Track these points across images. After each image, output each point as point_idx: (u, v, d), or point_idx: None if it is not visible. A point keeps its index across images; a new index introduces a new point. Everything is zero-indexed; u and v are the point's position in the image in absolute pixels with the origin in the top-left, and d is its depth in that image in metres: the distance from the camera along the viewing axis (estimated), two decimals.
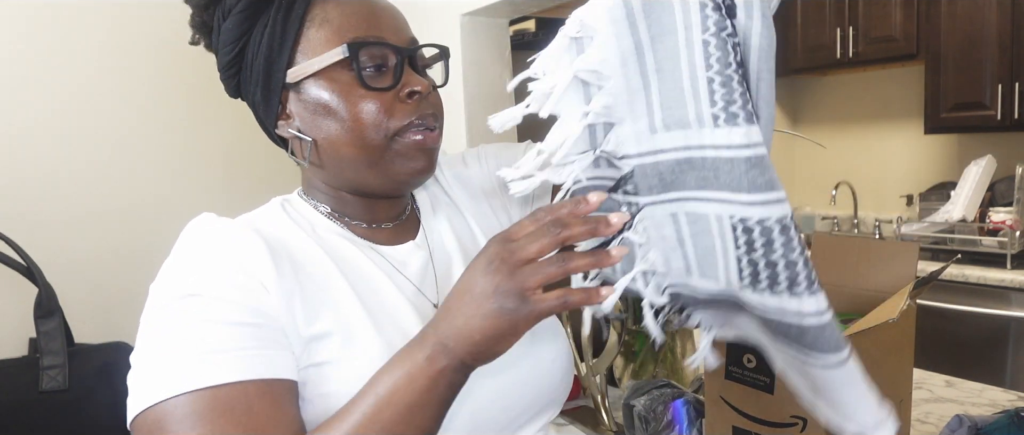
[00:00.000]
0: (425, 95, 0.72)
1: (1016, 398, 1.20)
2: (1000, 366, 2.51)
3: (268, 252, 0.63)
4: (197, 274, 0.61)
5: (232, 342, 0.58)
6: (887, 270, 0.88)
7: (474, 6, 1.59)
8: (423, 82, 0.71)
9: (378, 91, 0.69)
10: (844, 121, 3.62)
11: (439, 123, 0.74)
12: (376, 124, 0.69)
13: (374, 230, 0.78)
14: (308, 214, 0.75)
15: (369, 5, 0.72)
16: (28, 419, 1.16)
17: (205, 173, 1.99)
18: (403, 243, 0.78)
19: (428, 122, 0.72)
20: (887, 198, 3.45)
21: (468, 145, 1.66)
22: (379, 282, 0.72)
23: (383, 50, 0.70)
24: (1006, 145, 2.92)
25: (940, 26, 2.78)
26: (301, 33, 0.71)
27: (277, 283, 0.62)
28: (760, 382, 0.74)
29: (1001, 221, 2.63)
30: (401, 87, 0.71)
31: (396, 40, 0.72)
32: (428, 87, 0.72)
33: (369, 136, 0.69)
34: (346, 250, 0.73)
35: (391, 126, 0.70)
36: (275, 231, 0.70)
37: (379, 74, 0.70)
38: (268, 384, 0.59)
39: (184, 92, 1.93)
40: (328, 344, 0.64)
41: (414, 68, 0.73)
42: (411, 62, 0.73)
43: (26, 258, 1.26)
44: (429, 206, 0.85)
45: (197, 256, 0.62)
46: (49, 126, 1.75)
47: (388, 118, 0.70)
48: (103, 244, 1.81)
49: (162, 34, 1.88)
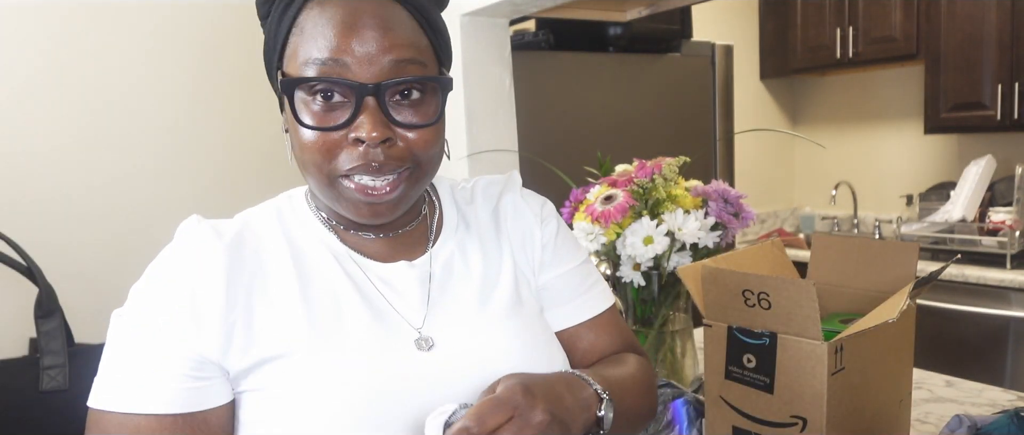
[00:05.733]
0: (376, 144, 0.63)
1: (1016, 398, 1.20)
2: (1000, 366, 2.51)
3: (224, 281, 0.65)
4: (153, 301, 0.65)
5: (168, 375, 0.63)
6: (887, 270, 0.88)
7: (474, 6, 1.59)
8: (378, 128, 0.62)
9: (321, 129, 0.63)
10: (844, 121, 3.62)
11: (409, 168, 0.66)
12: (318, 162, 0.65)
13: (366, 240, 0.75)
14: (303, 216, 0.74)
15: (346, 21, 0.63)
16: (28, 419, 1.16)
17: (206, 173, 1.99)
18: (395, 262, 0.74)
19: (375, 172, 0.64)
20: (887, 198, 3.45)
21: (468, 146, 1.66)
22: (346, 299, 0.69)
23: (330, 85, 0.63)
24: (1006, 145, 2.92)
25: (940, 26, 2.78)
26: (288, 37, 0.67)
27: (222, 317, 0.64)
28: (760, 382, 0.74)
29: (1001, 221, 2.63)
30: (353, 128, 0.63)
31: (361, 71, 0.63)
32: (382, 134, 0.62)
33: (313, 171, 0.66)
34: (323, 263, 0.71)
35: (337, 169, 0.65)
36: (256, 240, 0.70)
37: (332, 109, 0.64)
38: (192, 417, 0.63)
39: (185, 93, 1.93)
40: (266, 371, 0.65)
41: (383, 105, 0.63)
42: (379, 98, 0.63)
43: (26, 258, 1.26)
44: (454, 224, 0.80)
45: (159, 279, 0.66)
46: (49, 126, 1.75)
47: (329, 160, 0.64)
48: (103, 244, 1.81)
49: (164, 36, 1.88)
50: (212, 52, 1.93)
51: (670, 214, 1.12)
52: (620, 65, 2.13)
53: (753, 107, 3.64)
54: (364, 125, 0.63)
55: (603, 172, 1.30)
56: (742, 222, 1.17)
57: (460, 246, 0.78)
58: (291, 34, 0.66)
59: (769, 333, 0.72)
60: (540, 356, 0.75)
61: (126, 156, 1.86)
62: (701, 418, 0.95)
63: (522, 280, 0.80)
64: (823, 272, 0.94)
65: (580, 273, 0.84)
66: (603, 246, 1.16)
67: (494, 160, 1.70)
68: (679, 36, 2.25)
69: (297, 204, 0.76)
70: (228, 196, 2.00)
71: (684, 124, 2.30)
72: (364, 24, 0.63)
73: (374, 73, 0.63)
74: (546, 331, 0.80)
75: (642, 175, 1.16)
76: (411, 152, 0.66)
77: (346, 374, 0.65)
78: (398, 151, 0.65)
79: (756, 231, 3.66)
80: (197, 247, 0.67)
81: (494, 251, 0.79)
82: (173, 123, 1.93)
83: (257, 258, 0.69)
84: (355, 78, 0.63)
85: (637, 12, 2.01)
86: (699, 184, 1.21)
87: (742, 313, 0.74)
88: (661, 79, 2.24)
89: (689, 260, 1.14)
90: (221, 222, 0.72)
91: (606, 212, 1.13)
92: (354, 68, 0.63)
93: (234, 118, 1.98)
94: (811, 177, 3.81)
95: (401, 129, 0.65)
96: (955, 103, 2.79)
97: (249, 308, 0.66)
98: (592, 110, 2.07)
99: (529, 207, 0.83)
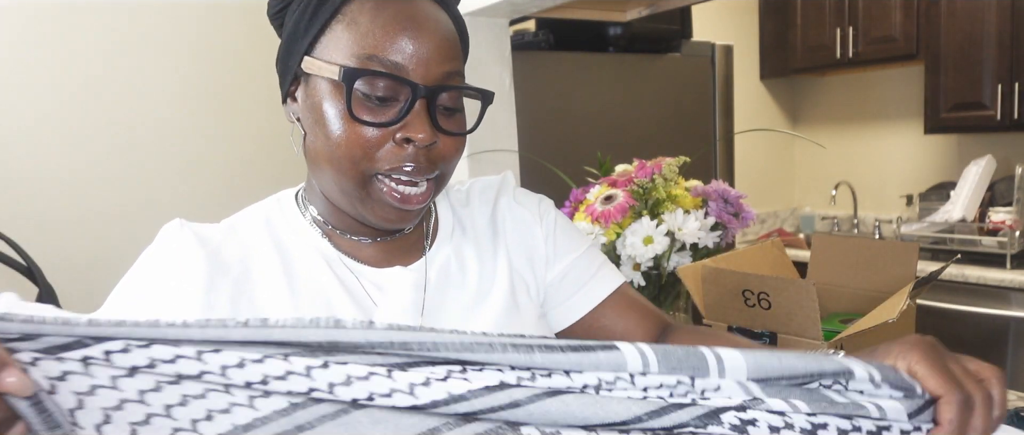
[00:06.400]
0: (424, 146, 0.64)
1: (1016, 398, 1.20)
2: (1000, 366, 2.50)
3: (203, 290, 0.63)
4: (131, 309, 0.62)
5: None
6: (887, 270, 0.89)
7: (474, 6, 1.59)
8: (427, 130, 0.63)
9: (371, 125, 0.63)
10: (844, 121, 3.62)
11: (436, 177, 0.67)
12: (356, 158, 0.64)
13: (359, 245, 0.73)
14: (294, 220, 0.72)
15: (405, 21, 0.63)
16: None
17: (206, 173, 1.99)
18: (390, 267, 0.72)
19: (416, 175, 0.65)
20: (887, 198, 3.45)
21: (468, 147, 1.65)
22: (338, 306, 0.67)
23: (391, 82, 0.63)
24: (1006, 145, 2.92)
25: (940, 26, 2.78)
26: (329, 24, 0.65)
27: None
28: None
29: (1001, 221, 2.63)
30: (400, 127, 0.64)
31: (417, 73, 0.63)
32: (430, 137, 0.63)
33: (345, 167, 0.64)
34: (314, 268, 0.69)
35: (372, 167, 0.64)
36: (241, 246, 0.68)
37: (382, 105, 0.63)
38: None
39: (186, 93, 1.93)
40: None
41: (431, 109, 0.64)
42: (429, 102, 0.64)
43: (26, 258, 1.26)
44: (450, 228, 0.78)
45: (131, 291, 0.64)
46: (50, 126, 1.75)
47: (372, 156, 0.64)
48: (103, 244, 1.81)
49: (165, 35, 1.88)
50: (215, 52, 1.93)
51: (670, 214, 1.12)
52: (620, 65, 2.13)
53: (753, 107, 3.64)
54: (415, 125, 0.63)
55: (603, 172, 1.30)
56: (742, 222, 1.17)
57: (456, 250, 0.76)
58: (334, 22, 0.64)
59: (769, 333, 0.72)
60: None
61: (127, 156, 1.86)
62: None
63: (520, 285, 0.77)
64: (823, 272, 0.94)
65: (586, 258, 0.82)
66: (603, 246, 1.16)
67: (494, 160, 1.70)
68: (679, 36, 2.25)
69: (287, 207, 0.74)
70: (230, 197, 2.00)
71: (684, 124, 2.30)
72: (425, 28, 0.64)
73: (428, 77, 0.64)
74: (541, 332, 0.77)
75: (642, 175, 1.16)
76: (442, 158, 0.67)
77: None
78: (436, 158, 0.66)
79: (756, 231, 3.66)
80: (174, 255, 0.65)
81: (490, 255, 0.78)
82: (175, 123, 1.93)
83: (242, 265, 0.67)
84: (413, 78, 0.63)
85: (637, 12, 2.01)
86: (699, 184, 1.21)
87: (742, 313, 0.74)
88: (661, 79, 2.24)
89: (689, 260, 1.14)
90: (205, 227, 0.69)
91: (606, 212, 1.13)
92: (410, 69, 0.63)
93: (236, 118, 1.98)
94: (811, 177, 3.81)
95: (442, 135, 0.66)
96: (955, 103, 2.79)
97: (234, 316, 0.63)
98: (592, 110, 2.07)
99: (525, 207, 0.82)
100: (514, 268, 0.78)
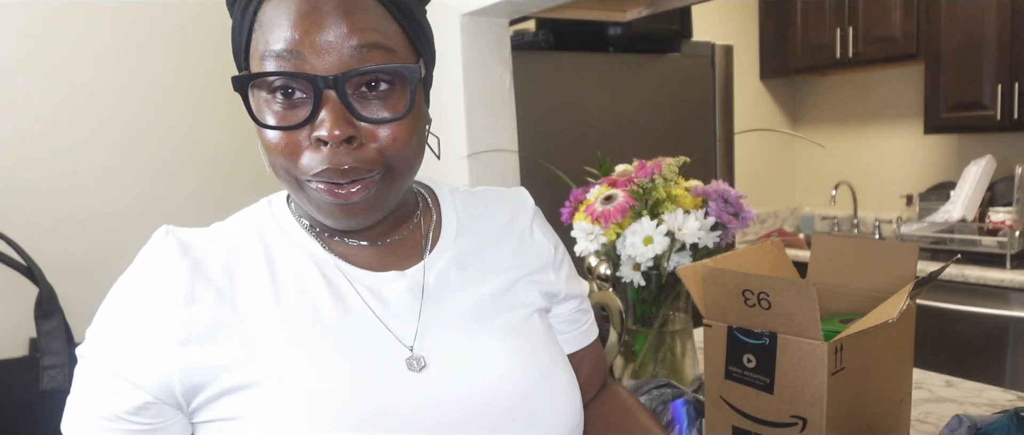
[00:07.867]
0: (340, 143, 0.57)
1: (1016, 398, 1.20)
2: (1000, 366, 2.51)
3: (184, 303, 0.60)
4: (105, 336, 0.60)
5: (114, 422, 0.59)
6: (887, 270, 0.89)
7: (474, 6, 1.59)
8: (339, 125, 0.56)
9: (279, 129, 0.58)
10: (844, 121, 3.62)
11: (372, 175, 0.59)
12: (283, 166, 0.60)
13: (353, 248, 0.69)
14: (285, 223, 0.69)
15: (303, 10, 0.57)
16: (28, 419, 1.16)
17: (205, 174, 1.99)
18: (386, 271, 0.68)
19: (345, 178, 0.58)
20: (887, 198, 3.45)
21: (468, 146, 1.66)
22: (328, 313, 0.64)
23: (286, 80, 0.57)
24: (1006, 145, 2.93)
25: (940, 26, 2.79)
26: (251, 32, 0.61)
27: (178, 345, 0.59)
28: (760, 382, 0.74)
29: (1001, 221, 2.63)
30: (313, 126, 0.57)
31: (319, 62, 0.57)
32: (344, 132, 0.56)
33: (281, 175, 0.61)
34: (304, 273, 0.66)
35: (301, 174, 0.59)
36: (227, 252, 0.65)
37: (291, 106, 0.58)
38: None
39: (184, 93, 1.93)
40: (234, 400, 0.60)
41: (345, 99, 0.57)
42: (340, 91, 0.57)
43: (26, 258, 1.26)
44: (454, 233, 0.74)
45: (113, 310, 0.61)
46: (50, 127, 1.75)
47: (296, 163, 0.59)
48: (103, 244, 1.81)
49: (164, 36, 1.88)
50: (215, 52, 1.93)
51: (670, 214, 1.12)
52: (620, 65, 2.13)
53: (753, 107, 3.64)
54: (325, 122, 0.56)
55: (603, 172, 1.30)
56: (742, 222, 1.17)
57: (459, 257, 0.72)
58: (253, 30, 0.60)
59: (769, 333, 0.72)
60: (543, 378, 0.69)
61: (127, 157, 1.86)
62: (701, 418, 0.95)
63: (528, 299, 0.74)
64: (823, 272, 0.94)
65: (585, 305, 0.84)
66: (603, 246, 1.16)
67: (494, 160, 1.70)
68: (679, 36, 2.25)
69: (278, 209, 0.71)
70: (229, 197, 2.00)
71: (684, 124, 2.30)
72: (323, 11, 0.57)
73: (334, 63, 0.57)
74: (551, 350, 0.73)
75: (642, 175, 1.16)
76: (382, 154, 0.59)
77: (326, 397, 0.59)
78: (367, 154, 0.58)
79: (756, 231, 3.66)
80: (156, 269, 0.62)
81: (497, 265, 0.74)
82: (175, 124, 1.93)
83: (226, 272, 0.63)
84: (313, 70, 0.57)
85: (637, 12, 2.01)
86: (699, 184, 1.21)
87: (742, 313, 0.74)
88: (661, 79, 2.24)
89: (689, 260, 1.14)
90: (191, 233, 0.66)
91: (606, 212, 1.13)
92: (312, 60, 0.57)
93: (236, 119, 1.98)
94: (811, 177, 3.81)
95: (367, 125, 0.59)
96: (955, 103, 2.79)
97: (214, 331, 0.60)
98: (592, 110, 2.07)
99: (548, 240, 0.79)
100: (524, 289, 0.75)
